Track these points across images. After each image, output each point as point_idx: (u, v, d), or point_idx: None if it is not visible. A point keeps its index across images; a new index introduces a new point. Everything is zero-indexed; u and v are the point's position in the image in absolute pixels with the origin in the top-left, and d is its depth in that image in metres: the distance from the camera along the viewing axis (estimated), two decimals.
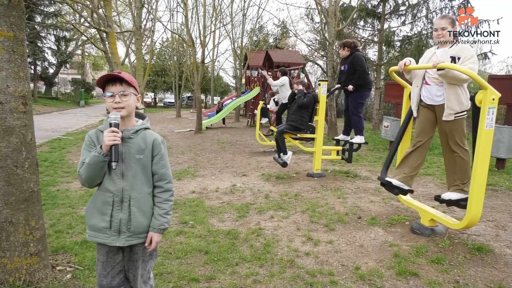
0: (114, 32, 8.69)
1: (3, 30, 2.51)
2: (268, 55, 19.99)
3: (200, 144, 11.35)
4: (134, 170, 1.95)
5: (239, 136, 13.33)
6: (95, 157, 1.86)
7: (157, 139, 2.02)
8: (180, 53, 28.48)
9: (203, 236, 3.91)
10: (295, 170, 7.14)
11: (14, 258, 2.71)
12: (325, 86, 6.39)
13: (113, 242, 1.97)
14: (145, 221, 1.99)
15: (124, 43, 19.14)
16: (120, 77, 1.90)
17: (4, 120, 2.57)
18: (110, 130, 1.85)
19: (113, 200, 1.95)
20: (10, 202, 2.66)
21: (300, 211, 4.71)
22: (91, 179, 1.92)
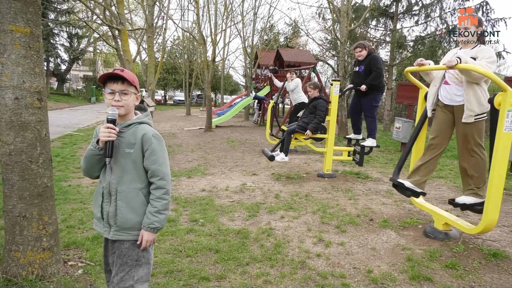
0: (126, 30, 8.73)
1: (20, 26, 2.53)
2: (279, 54, 19.93)
3: (210, 143, 11.36)
4: (122, 164, 1.93)
5: (249, 135, 13.32)
6: (90, 150, 1.92)
7: (147, 134, 1.93)
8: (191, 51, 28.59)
9: (213, 235, 3.90)
10: (305, 170, 7.10)
11: (27, 252, 2.73)
12: (338, 86, 6.33)
13: (105, 233, 2.00)
14: (134, 218, 1.94)
15: (136, 40, 19.23)
16: (122, 76, 1.89)
17: (20, 115, 2.58)
18: (106, 126, 1.86)
19: (103, 192, 1.98)
20: (24, 197, 2.68)
21: (310, 211, 4.68)
22: (89, 171, 2.00)
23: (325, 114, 6.37)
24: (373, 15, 17.01)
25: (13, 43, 2.51)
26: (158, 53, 23.17)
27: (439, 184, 6.32)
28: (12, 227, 2.71)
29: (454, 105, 3.52)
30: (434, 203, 4.92)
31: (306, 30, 36.37)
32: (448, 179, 6.74)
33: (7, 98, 2.55)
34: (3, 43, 2.49)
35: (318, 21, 29.02)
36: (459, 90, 3.45)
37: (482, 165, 3.49)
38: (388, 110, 16.88)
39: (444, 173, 7.23)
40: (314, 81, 8.43)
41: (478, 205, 3.43)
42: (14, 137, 2.59)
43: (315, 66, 14.41)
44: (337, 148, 6.85)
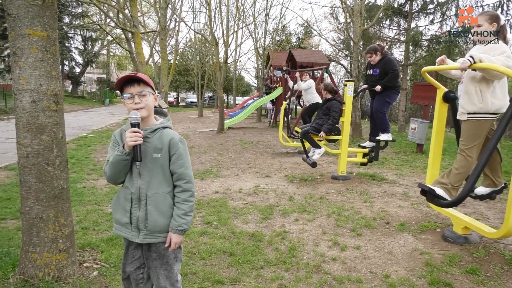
0: (139, 32, 8.81)
1: (37, 30, 2.56)
2: (291, 54, 19.88)
3: (223, 144, 11.39)
4: (150, 169, 1.97)
5: (261, 136, 13.31)
6: (117, 156, 1.91)
7: (174, 138, 1.99)
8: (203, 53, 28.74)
9: (227, 237, 3.89)
10: (319, 172, 7.05)
11: (43, 254, 2.76)
12: (352, 87, 6.27)
13: (134, 238, 2.02)
14: (163, 221, 1.99)
15: (148, 43, 19.43)
16: (137, 78, 1.92)
17: (37, 118, 2.62)
18: (132, 130, 1.87)
19: (131, 197, 2.00)
20: (41, 198, 2.71)
21: (325, 214, 4.63)
22: (115, 177, 2.00)
23: (339, 116, 6.31)
24: (386, 14, 16.82)
25: (30, 47, 2.55)
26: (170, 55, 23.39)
27: None
28: (29, 229, 2.75)
29: None
30: None
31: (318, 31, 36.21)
32: None
33: (25, 101, 2.59)
34: (21, 47, 2.53)
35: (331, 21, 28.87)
36: None
37: (466, 166, 3.32)
38: (402, 110, 16.66)
39: None
40: (327, 82, 8.37)
41: (496, 193, 3.37)
42: (31, 139, 2.63)
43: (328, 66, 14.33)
44: (351, 150, 6.78)
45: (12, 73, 2.62)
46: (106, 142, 11.07)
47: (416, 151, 9.82)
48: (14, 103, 2.64)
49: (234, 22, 18.80)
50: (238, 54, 29.13)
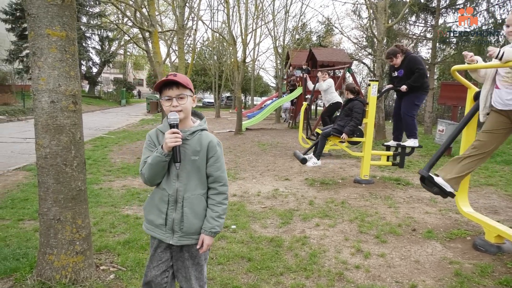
0: (157, 32, 8.93)
1: (56, 30, 2.62)
2: (311, 53, 19.79)
3: (240, 146, 11.41)
4: (188, 171, 2.01)
5: (280, 138, 13.28)
6: (157, 157, 1.95)
7: (213, 141, 2.04)
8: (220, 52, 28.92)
9: (245, 242, 3.89)
10: (340, 175, 6.98)
11: (61, 256, 2.82)
12: (376, 87, 6.18)
13: (167, 239, 2.06)
14: (197, 223, 2.04)
15: (165, 42, 19.68)
16: (176, 81, 1.96)
17: (55, 118, 2.68)
18: (171, 132, 1.91)
19: (168, 199, 2.03)
20: (58, 200, 2.77)
21: (347, 219, 4.58)
22: (153, 178, 2.04)
23: (362, 117, 6.23)
24: (412, 10, 16.55)
25: (49, 47, 2.61)
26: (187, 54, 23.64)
27: (489, 192, 6.02)
28: (46, 230, 2.81)
29: (507, 109, 3.33)
30: (484, 213, 4.69)
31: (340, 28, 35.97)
32: (499, 186, 6.41)
33: (44, 101, 2.65)
34: (40, 47, 2.60)
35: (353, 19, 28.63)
36: (509, 94, 3.27)
37: None
38: (429, 111, 16.32)
39: (494, 180, 6.89)
40: (349, 82, 8.29)
41: None
42: (50, 140, 2.69)
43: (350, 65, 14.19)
44: (375, 153, 6.68)
45: (31, 73, 2.69)
46: (123, 143, 11.26)
47: (444, 155, 9.60)
48: (33, 104, 2.71)
49: (253, 20, 18.83)
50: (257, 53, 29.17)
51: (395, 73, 6.10)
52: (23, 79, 25.56)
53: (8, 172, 6.97)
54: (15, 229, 4.17)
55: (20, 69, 25.48)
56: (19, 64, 25.71)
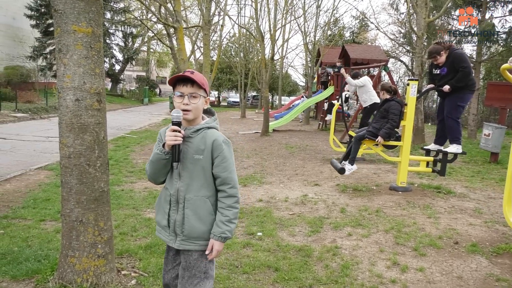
0: (182, 28, 9.08)
1: (82, 26, 2.71)
2: (344, 50, 19.56)
3: (267, 148, 11.41)
4: (191, 171, 2.00)
5: (310, 140, 13.19)
6: (156, 154, 1.98)
7: (218, 139, 2.01)
8: (247, 49, 29.07)
9: (272, 251, 3.88)
10: (375, 182, 6.86)
11: (82, 259, 2.90)
12: (415, 87, 6.04)
13: (171, 242, 2.07)
14: (201, 227, 2.01)
15: (190, 39, 19.99)
16: (191, 79, 1.96)
17: (80, 117, 2.76)
18: (171, 129, 1.93)
19: (170, 199, 2.05)
20: (81, 201, 2.85)
21: (382, 230, 4.49)
22: (155, 176, 2.07)
23: (399, 119, 6.10)
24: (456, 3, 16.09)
25: (75, 44, 2.69)
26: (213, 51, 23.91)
27: None
28: (69, 232, 2.90)
29: None
30: None
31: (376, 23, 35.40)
32: None
33: (68, 99, 2.74)
34: (66, 44, 2.69)
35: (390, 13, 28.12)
36: None
37: None
38: (474, 114, 15.80)
39: None
40: (385, 82, 8.13)
41: None
42: (74, 139, 2.78)
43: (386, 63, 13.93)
44: (413, 158, 6.53)
45: (57, 70, 2.78)
46: (145, 143, 11.49)
47: (489, 161, 9.27)
48: (58, 101, 2.81)
49: (282, 15, 18.83)
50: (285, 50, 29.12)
51: (436, 71, 5.94)
52: (46, 76, 26.51)
53: (30, 171, 7.24)
54: (36, 230, 4.33)
55: (44, 66, 26.44)
56: (43, 61, 26.69)
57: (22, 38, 26.25)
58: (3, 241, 3.96)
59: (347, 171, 6.32)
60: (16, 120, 16.09)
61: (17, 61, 24.83)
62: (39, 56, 26.16)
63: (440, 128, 6.24)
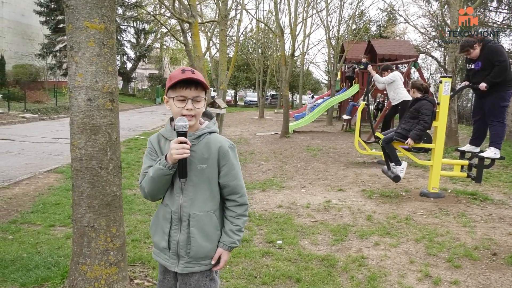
0: (197, 23, 9.16)
1: (95, 22, 2.76)
2: (370, 46, 19.41)
3: (287, 150, 11.40)
4: (195, 183, 1.90)
5: (333, 142, 13.12)
6: (159, 170, 1.84)
7: (223, 146, 1.92)
8: (265, 45, 29.13)
9: (293, 260, 3.88)
10: (404, 187, 6.77)
11: (94, 267, 2.95)
12: (449, 84, 5.95)
13: (172, 266, 1.97)
14: (207, 245, 1.93)
15: (205, 35, 20.14)
16: (196, 80, 1.84)
17: (92, 117, 2.81)
18: (178, 141, 1.79)
19: (171, 217, 1.93)
20: (93, 205, 2.89)
21: (413, 239, 4.44)
22: (155, 193, 1.95)
23: (431, 119, 6.01)
24: None
25: (87, 41, 2.74)
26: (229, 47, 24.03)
27: None
28: (80, 238, 2.95)
29: None
30: None
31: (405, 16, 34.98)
32: None
33: (80, 99, 2.79)
34: (78, 41, 2.74)
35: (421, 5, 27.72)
36: None
37: None
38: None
39: None
40: (416, 79, 8.01)
41: None
42: (85, 141, 2.83)
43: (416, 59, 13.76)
44: (446, 161, 6.43)
45: (68, 69, 2.84)
46: None
47: None
48: (69, 101, 2.86)
49: (303, 8, 18.81)
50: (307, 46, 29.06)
51: (470, 65, 5.83)
52: (56, 75, 27.11)
53: (40, 174, 7.41)
54: (46, 236, 4.43)
55: (53, 64, 27.04)
56: (52, 59, 27.30)
57: (31, 35, 26.94)
58: (12, 247, 4.06)
59: (400, 174, 6.25)
60: (25, 120, 16.50)
61: (26, 59, 25.48)
62: (49, 54, 26.76)
63: (476, 128, 6.13)
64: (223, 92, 9.66)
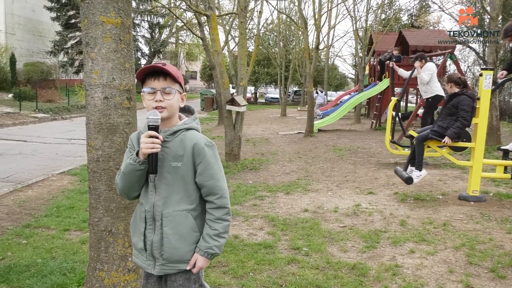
0: (215, 15, 9.21)
1: (111, 17, 2.81)
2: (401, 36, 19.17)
3: (312, 151, 11.37)
4: (168, 181, 1.93)
5: (361, 141, 13.02)
6: (129, 165, 1.89)
7: (199, 143, 1.94)
8: (287, 38, 29.07)
9: (320, 268, 3.87)
10: (440, 190, 6.67)
11: (112, 273, 3.00)
12: (490, 77, 5.83)
13: (149, 268, 2.00)
14: (183, 247, 1.95)
15: (223, 28, 20.24)
16: (164, 70, 1.90)
17: (109, 117, 2.86)
18: (148, 135, 1.84)
19: (145, 216, 1.98)
20: (110, 209, 2.95)
21: (451, 246, 4.37)
22: (128, 190, 2.00)
23: (471, 116, 5.90)
24: None
25: (103, 36, 2.80)
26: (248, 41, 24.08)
27: None
28: (97, 243, 3.01)
29: None
30: None
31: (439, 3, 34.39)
32: None
33: (96, 97, 2.85)
34: (94, 36, 2.79)
35: None
36: None
37: None
38: None
39: None
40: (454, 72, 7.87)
41: None
42: (102, 141, 2.88)
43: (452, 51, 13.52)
44: (488, 162, 6.31)
45: (84, 66, 2.90)
46: None
47: None
48: (86, 100, 2.92)
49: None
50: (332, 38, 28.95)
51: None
52: (68, 73, 27.68)
53: (53, 177, 7.59)
54: (61, 240, 4.54)
55: (65, 62, 27.60)
56: (64, 56, 27.87)
57: (42, 32, 27.58)
58: (26, 252, 4.18)
59: (415, 179, 6.14)
60: (37, 121, 16.93)
61: (37, 57, 26.09)
62: (60, 51, 27.31)
63: None
64: (243, 88, 9.68)
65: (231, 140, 9.08)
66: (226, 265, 3.91)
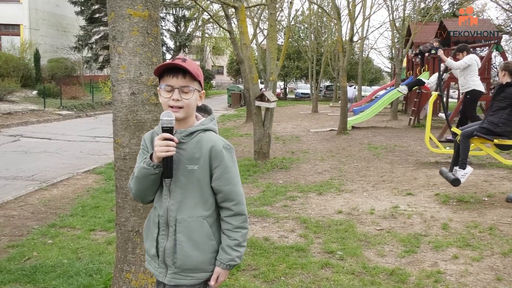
0: (244, 7, 9.24)
1: (138, 9, 2.85)
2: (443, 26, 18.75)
3: (345, 149, 11.27)
4: (183, 185, 1.90)
5: (399, 139, 12.82)
6: (143, 169, 1.86)
7: (216, 145, 1.90)
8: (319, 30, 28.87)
9: (356, 273, 3.84)
10: (486, 191, 6.50)
11: (139, 275, 3.05)
12: None
13: (161, 276, 1.98)
14: (197, 255, 1.91)
15: (251, 20, 20.27)
16: (183, 68, 1.85)
17: (136, 113, 2.91)
18: (162, 137, 1.80)
19: (159, 221, 1.95)
20: (137, 209, 3.00)
21: (499, 252, 4.27)
22: (142, 195, 1.98)
23: None
24: None
25: (131, 30, 2.84)
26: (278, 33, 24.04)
27: None
28: (124, 243, 3.06)
29: None
30: None
31: None
32: None
33: (123, 93, 2.90)
34: (120, 30, 2.84)
35: None
36: None
37: None
38: None
39: None
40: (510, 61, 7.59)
41: None
42: (130, 138, 2.93)
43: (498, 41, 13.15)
44: None
45: (110, 61, 2.95)
46: None
47: None
48: (112, 96, 2.98)
49: None
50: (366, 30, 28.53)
51: None
52: (92, 69, 28.26)
53: (78, 175, 7.78)
54: (86, 240, 4.65)
55: (89, 57, 28.19)
56: (88, 52, 28.47)
57: (66, 27, 28.22)
58: (52, 252, 4.30)
59: (461, 178, 5.98)
60: (61, 118, 17.38)
61: (61, 52, 26.73)
62: (84, 46, 27.89)
63: None
64: (272, 83, 9.67)
65: (260, 138, 9.08)
66: (256, 269, 3.92)
